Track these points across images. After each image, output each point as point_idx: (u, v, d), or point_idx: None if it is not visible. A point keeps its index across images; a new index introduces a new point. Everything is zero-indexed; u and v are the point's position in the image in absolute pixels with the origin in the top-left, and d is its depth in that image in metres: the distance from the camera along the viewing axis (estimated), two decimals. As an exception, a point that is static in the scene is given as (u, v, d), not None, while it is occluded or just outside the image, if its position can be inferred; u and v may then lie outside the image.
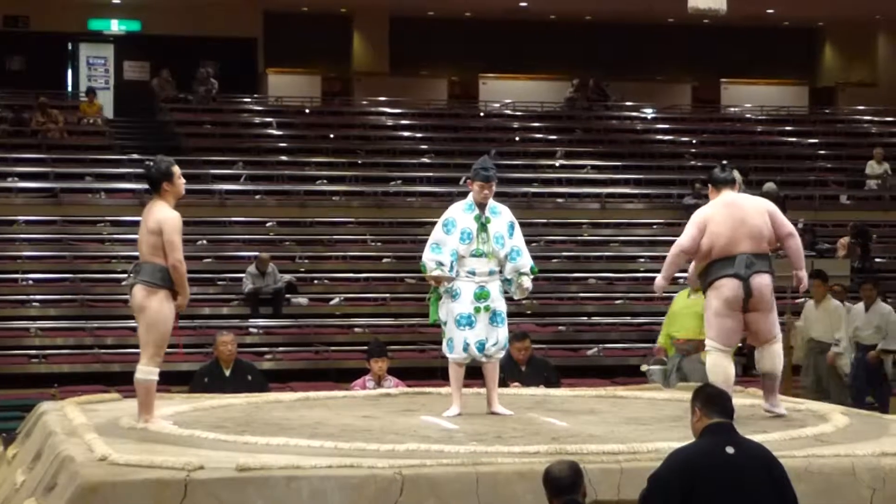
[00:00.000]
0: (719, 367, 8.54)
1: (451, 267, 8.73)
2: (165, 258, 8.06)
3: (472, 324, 8.75)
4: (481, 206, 8.79)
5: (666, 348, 11.77)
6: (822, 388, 13.75)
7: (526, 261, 8.86)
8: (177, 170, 8.29)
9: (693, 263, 8.68)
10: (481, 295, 8.73)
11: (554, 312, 18.96)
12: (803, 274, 8.68)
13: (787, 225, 8.75)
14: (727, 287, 8.41)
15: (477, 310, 8.73)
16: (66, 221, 20.30)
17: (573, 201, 22.65)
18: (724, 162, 9.01)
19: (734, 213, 8.47)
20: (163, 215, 8.13)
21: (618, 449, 7.17)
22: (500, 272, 8.85)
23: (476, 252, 8.75)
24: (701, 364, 11.69)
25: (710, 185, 8.71)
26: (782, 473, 5.71)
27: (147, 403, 8.26)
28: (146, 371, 8.28)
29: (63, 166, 21.53)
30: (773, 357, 8.66)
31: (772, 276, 8.54)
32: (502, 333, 8.81)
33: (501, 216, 8.85)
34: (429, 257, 8.78)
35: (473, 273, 8.74)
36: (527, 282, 8.85)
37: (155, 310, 8.16)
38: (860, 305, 14.21)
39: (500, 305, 8.80)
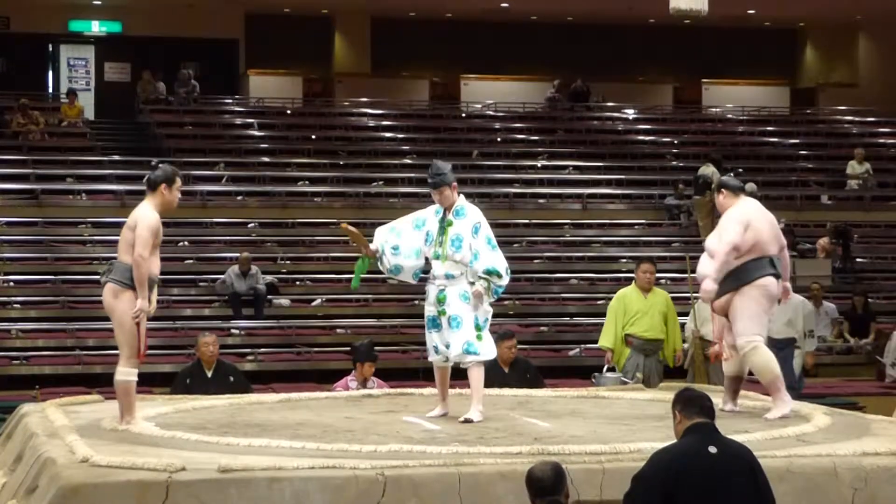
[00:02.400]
0: (773, 359, 8.79)
1: (382, 251, 8.94)
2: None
3: (438, 326, 8.75)
4: (447, 209, 8.79)
5: (613, 350, 11.68)
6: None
7: (480, 264, 8.60)
8: (179, 180, 8.34)
9: (702, 263, 8.86)
10: (440, 299, 8.71)
11: (536, 313, 18.98)
12: (788, 284, 9.04)
13: (783, 238, 9.10)
14: (774, 285, 8.77)
15: (440, 312, 8.72)
16: (46, 223, 20.25)
17: (555, 202, 22.67)
18: (734, 171, 9.33)
19: (767, 216, 8.88)
20: (141, 212, 8.17)
21: (600, 449, 7.18)
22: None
23: (434, 255, 8.76)
24: (660, 363, 11.78)
25: (724, 191, 8.93)
26: (762, 474, 5.74)
27: (128, 405, 8.25)
28: (125, 372, 8.26)
29: (44, 168, 21.48)
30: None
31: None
32: (455, 338, 8.63)
33: (466, 218, 8.71)
34: (381, 231, 9.05)
35: (434, 277, 8.75)
36: (477, 285, 8.59)
37: (121, 310, 8.18)
38: None
39: (455, 310, 8.63)
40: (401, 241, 8.91)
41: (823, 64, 31.02)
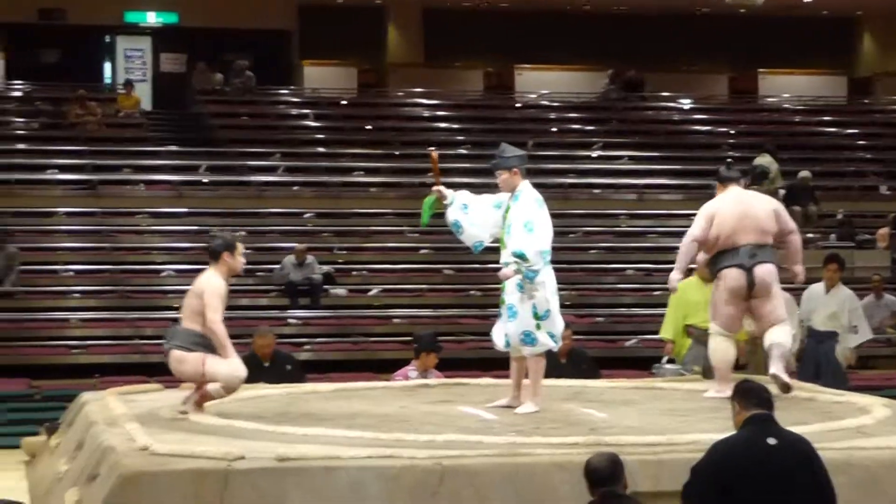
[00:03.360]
0: (721, 349, 9.34)
1: (452, 202, 9.03)
2: (204, 323, 8.19)
3: (500, 315, 8.77)
4: (510, 195, 8.78)
5: (673, 341, 11.61)
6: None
7: (510, 247, 8.56)
8: (241, 246, 8.45)
9: (701, 255, 9.43)
10: (502, 287, 8.72)
11: (591, 304, 18.92)
12: (800, 268, 9.41)
13: (791, 223, 9.44)
14: (731, 277, 9.14)
15: (501, 301, 8.74)
16: (104, 213, 20.38)
17: (610, 192, 22.60)
18: (730, 161, 9.60)
19: (739, 206, 9.18)
20: (207, 280, 8.37)
21: (656, 440, 7.17)
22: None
23: (500, 240, 8.75)
24: None
25: (717, 183, 9.46)
26: (821, 465, 5.72)
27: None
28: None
29: (101, 158, 21.60)
30: (776, 331, 9.18)
31: (775, 265, 9.20)
32: (512, 327, 8.63)
33: (519, 203, 8.70)
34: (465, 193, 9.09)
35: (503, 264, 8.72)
36: (503, 269, 8.58)
37: (189, 375, 8.38)
38: (819, 286, 12.50)
39: (511, 299, 8.61)
40: (473, 205, 8.90)
41: (881, 53, 30.75)
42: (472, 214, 8.88)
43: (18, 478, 9.34)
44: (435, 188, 9.07)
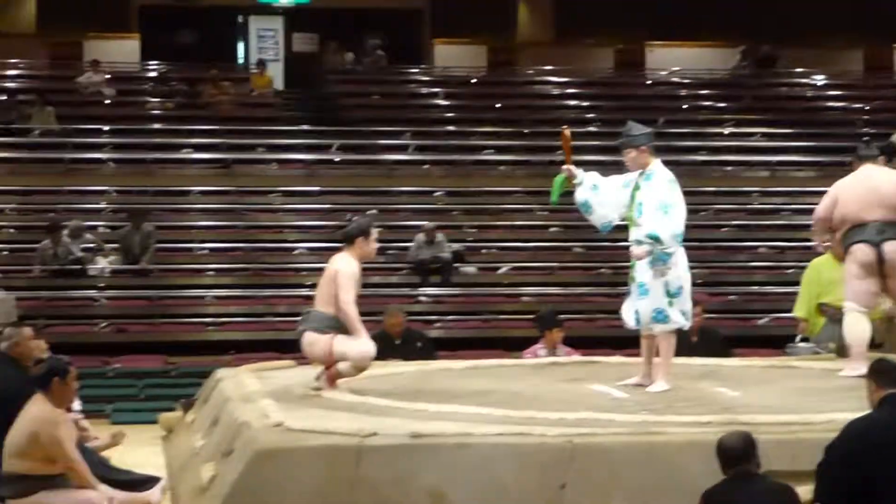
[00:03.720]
0: (856, 326, 9.27)
1: (582, 182, 8.99)
2: (336, 305, 8.28)
3: (630, 293, 8.74)
4: (639, 173, 8.73)
5: (807, 319, 11.45)
6: None
7: (643, 229, 8.54)
8: (375, 231, 8.47)
9: (837, 234, 9.36)
10: (632, 265, 8.69)
11: (723, 282, 18.75)
12: None
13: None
14: (860, 251, 9.16)
15: (631, 279, 8.71)
16: (238, 192, 20.62)
17: (742, 170, 22.36)
18: (867, 138, 9.49)
19: (865, 183, 9.19)
20: (341, 263, 8.40)
21: (791, 419, 7.10)
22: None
23: (628, 218, 8.72)
24: None
25: (854, 160, 9.51)
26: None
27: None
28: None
29: (235, 138, 21.85)
30: None
31: None
32: (643, 305, 8.59)
33: (651, 182, 8.65)
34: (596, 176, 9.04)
35: (630, 242, 8.71)
36: (636, 248, 8.56)
37: (320, 356, 8.46)
38: None
39: (643, 277, 8.59)
40: (602, 185, 8.87)
41: None
42: (601, 195, 8.85)
43: (155, 453, 9.50)
44: (565, 167, 9.05)
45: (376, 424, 6.88)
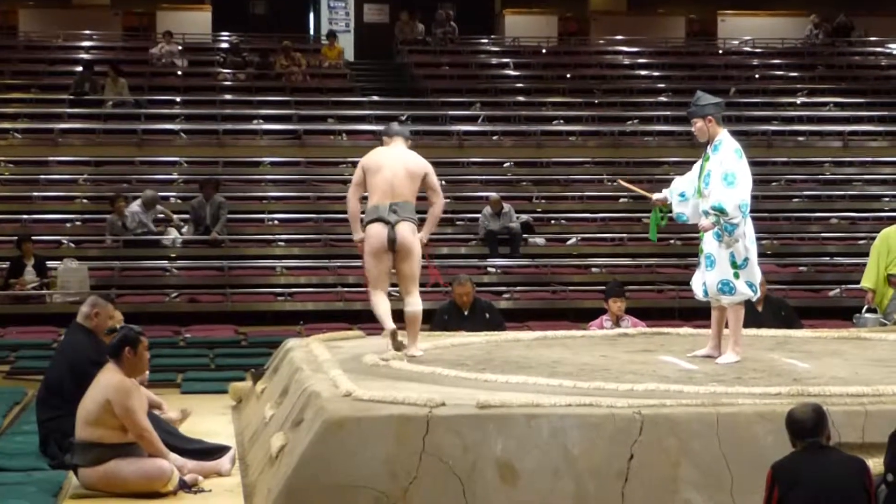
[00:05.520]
0: None
1: (671, 200, 8.87)
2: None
3: (699, 264, 8.70)
4: (706, 143, 8.66)
5: (875, 290, 11.33)
6: None
7: (709, 200, 8.47)
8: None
9: None
10: (700, 236, 8.65)
11: (794, 253, 18.64)
12: None
13: None
14: None
15: (700, 250, 8.67)
16: (309, 163, 20.71)
17: (814, 139, 22.17)
18: None
19: None
20: (427, 163, 8.89)
21: (862, 391, 7.05)
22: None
23: (696, 190, 8.66)
24: None
25: None
26: None
27: (417, 333, 8.79)
28: (419, 302, 8.81)
29: (306, 109, 21.93)
30: None
31: None
32: (710, 276, 8.55)
33: (719, 153, 8.56)
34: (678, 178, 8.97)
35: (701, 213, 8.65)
36: (704, 220, 8.51)
37: (419, 246, 8.73)
38: None
39: (710, 248, 8.55)
40: (686, 188, 8.81)
41: None
42: (690, 199, 8.78)
43: (225, 422, 9.58)
44: (654, 201, 8.95)
45: (445, 395, 6.90)
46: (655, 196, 8.93)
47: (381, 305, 8.70)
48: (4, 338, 14.59)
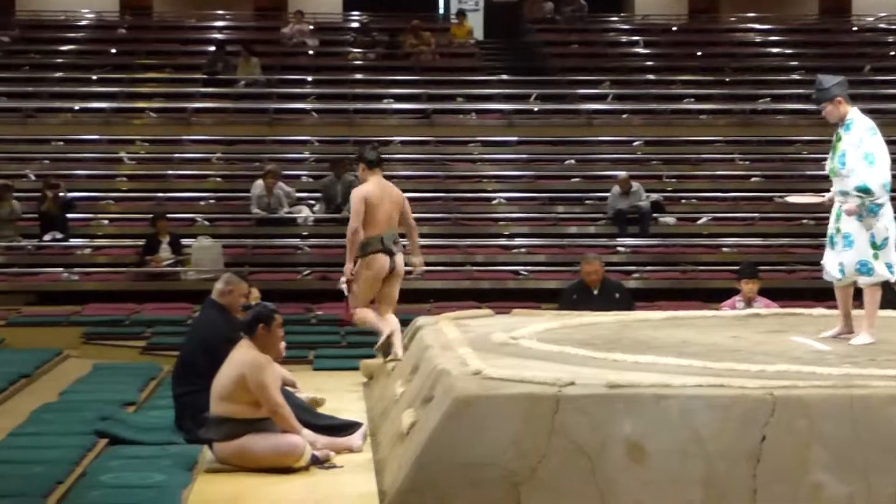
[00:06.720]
0: None
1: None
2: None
3: (833, 244, 8.59)
4: (836, 124, 8.55)
5: None
6: None
7: (852, 181, 8.35)
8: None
9: None
10: (836, 215, 8.54)
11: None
12: None
13: None
14: None
15: (836, 230, 8.55)
16: (438, 142, 20.78)
17: (954, 116, 21.76)
18: None
19: None
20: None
21: None
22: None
23: (830, 171, 8.56)
24: None
25: None
26: None
27: None
28: None
29: (435, 88, 22.00)
30: None
31: None
32: (847, 257, 8.44)
33: (852, 133, 8.45)
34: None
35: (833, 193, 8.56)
36: (849, 202, 8.39)
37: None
38: None
39: (848, 228, 8.44)
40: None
41: None
42: None
43: (356, 399, 9.67)
44: (829, 202, 8.78)
45: (574, 374, 6.90)
46: (829, 196, 8.77)
47: (371, 314, 9.91)
48: (140, 314, 14.87)
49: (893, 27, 26.11)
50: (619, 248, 17.71)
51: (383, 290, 9.90)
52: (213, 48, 22.97)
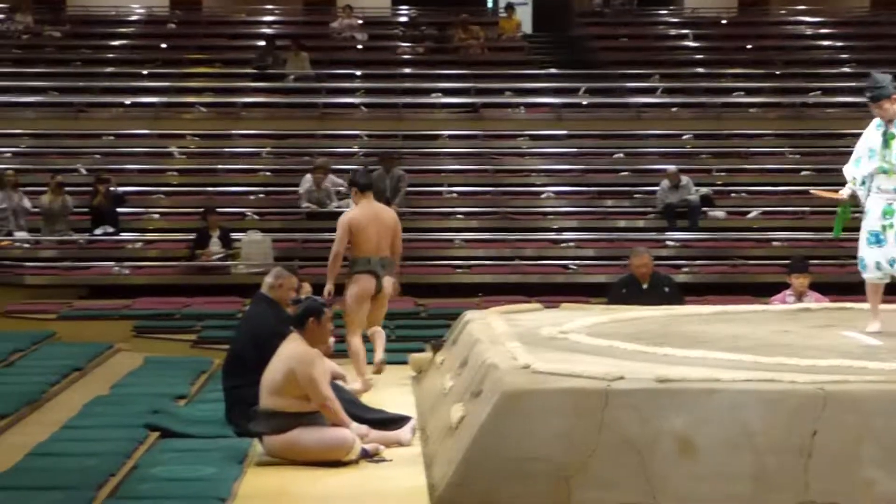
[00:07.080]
0: None
1: (864, 182, 8.59)
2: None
3: (881, 241, 8.52)
4: (889, 121, 8.51)
5: None
6: None
7: None
8: None
9: None
10: (887, 212, 8.47)
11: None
12: None
13: None
14: None
15: (884, 227, 8.49)
16: (486, 136, 20.78)
17: None
18: None
19: None
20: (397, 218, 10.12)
21: None
22: None
23: (880, 168, 8.51)
24: None
25: None
26: None
27: None
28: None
29: (483, 82, 22.00)
30: None
31: None
32: None
33: None
34: (847, 170, 8.67)
35: (880, 189, 8.50)
36: None
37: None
38: None
39: None
40: (865, 171, 8.65)
41: None
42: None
43: (405, 392, 9.69)
44: (841, 199, 8.77)
45: (623, 368, 6.89)
46: (845, 193, 8.73)
47: (362, 353, 9.95)
48: (191, 308, 14.95)
49: (946, 20, 25.91)
50: (669, 242, 17.66)
51: (371, 309, 10.14)
52: (262, 43, 23.05)
